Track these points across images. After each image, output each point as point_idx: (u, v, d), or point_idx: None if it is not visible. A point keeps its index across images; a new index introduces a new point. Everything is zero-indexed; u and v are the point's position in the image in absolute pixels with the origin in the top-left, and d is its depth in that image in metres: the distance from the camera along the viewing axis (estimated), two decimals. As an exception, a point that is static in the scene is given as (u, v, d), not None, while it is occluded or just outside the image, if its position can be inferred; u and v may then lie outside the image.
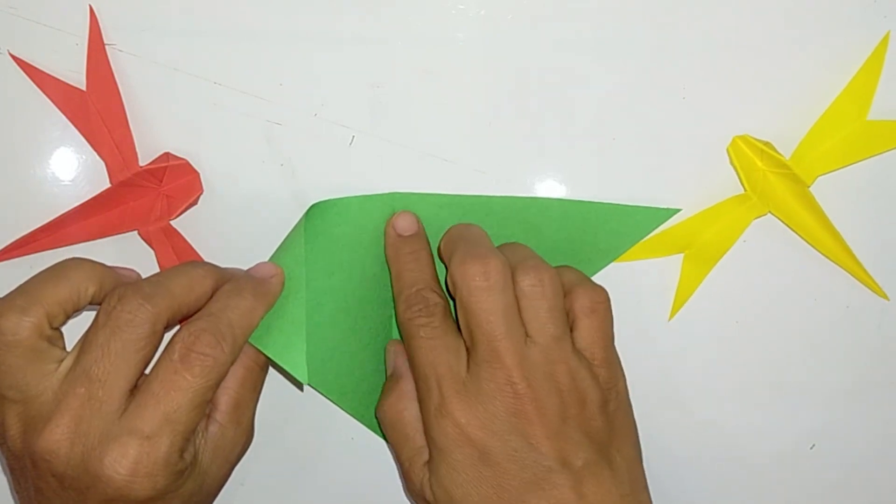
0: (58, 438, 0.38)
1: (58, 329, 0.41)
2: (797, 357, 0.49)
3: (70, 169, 0.47)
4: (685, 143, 0.46)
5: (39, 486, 0.39)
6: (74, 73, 0.45)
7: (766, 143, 0.45)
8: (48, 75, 0.45)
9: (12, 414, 0.40)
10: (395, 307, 0.45)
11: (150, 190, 0.46)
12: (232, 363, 0.41)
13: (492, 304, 0.41)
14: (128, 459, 0.38)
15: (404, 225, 0.45)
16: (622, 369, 0.44)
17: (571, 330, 0.43)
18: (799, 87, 0.46)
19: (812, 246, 0.47)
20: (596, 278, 0.47)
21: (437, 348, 0.42)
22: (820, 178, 0.45)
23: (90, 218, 0.46)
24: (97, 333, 0.39)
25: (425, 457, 0.43)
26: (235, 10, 0.46)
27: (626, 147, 0.47)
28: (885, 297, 0.47)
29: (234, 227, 0.47)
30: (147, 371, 0.40)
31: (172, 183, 0.46)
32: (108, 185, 0.46)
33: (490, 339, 0.41)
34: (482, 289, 0.41)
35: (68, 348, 0.41)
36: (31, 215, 0.46)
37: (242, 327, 0.41)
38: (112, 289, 0.40)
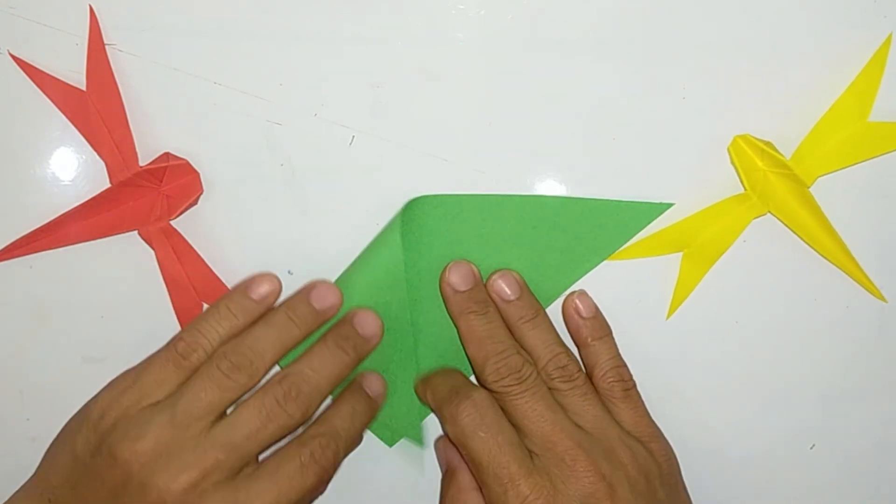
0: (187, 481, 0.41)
1: None
2: (797, 357, 0.49)
3: (70, 169, 0.47)
4: (685, 143, 0.46)
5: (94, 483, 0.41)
6: (74, 73, 0.45)
7: (767, 143, 0.45)
8: (48, 75, 0.45)
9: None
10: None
11: (150, 190, 0.46)
12: None
13: (533, 400, 0.44)
14: None
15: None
16: (668, 440, 0.46)
17: (611, 414, 0.46)
18: (800, 88, 0.46)
19: (811, 247, 0.47)
20: (594, 277, 0.47)
21: (503, 445, 0.43)
22: (820, 178, 0.45)
23: (90, 218, 0.46)
24: (250, 417, 0.42)
25: None
26: (235, 10, 0.46)
27: (626, 147, 0.46)
28: (883, 298, 0.47)
29: (234, 227, 0.47)
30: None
31: (172, 183, 0.46)
32: (108, 185, 0.46)
33: (542, 427, 0.43)
34: (518, 389, 0.44)
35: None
36: (30, 215, 0.46)
37: (352, 446, 0.45)
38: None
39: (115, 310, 0.47)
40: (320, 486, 0.43)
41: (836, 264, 0.47)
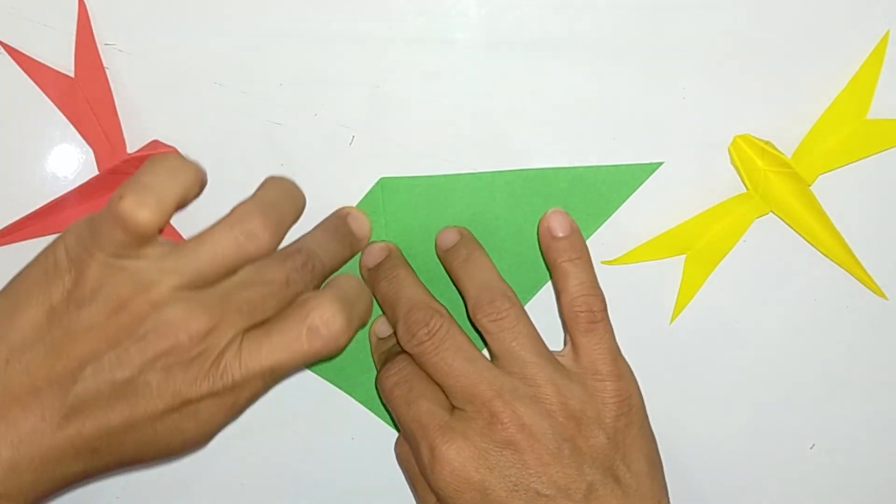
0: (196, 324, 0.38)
1: None
2: (797, 357, 0.49)
3: (58, 157, 0.47)
4: (685, 143, 0.46)
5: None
6: (70, 71, 0.45)
7: (767, 143, 0.45)
8: (35, 61, 0.45)
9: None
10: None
11: (138, 177, 0.46)
12: None
13: (448, 355, 0.42)
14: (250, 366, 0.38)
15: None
16: (635, 381, 0.44)
17: (571, 347, 0.43)
18: (799, 87, 0.46)
19: (812, 245, 0.47)
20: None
21: (414, 399, 0.42)
22: (820, 177, 0.46)
23: (79, 205, 0.46)
24: (275, 276, 0.39)
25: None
26: (236, 10, 0.46)
27: (627, 147, 0.47)
28: (884, 296, 0.48)
29: (234, 227, 0.47)
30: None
31: (161, 170, 0.46)
32: (96, 172, 0.46)
33: (458, 380, 0.41)
34: (430, 346, 0.42)
35: None
36: (18, 203, 0.46)
37: (362, 322, 0.41)
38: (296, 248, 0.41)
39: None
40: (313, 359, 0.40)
41: (837, 262, 0.47)
